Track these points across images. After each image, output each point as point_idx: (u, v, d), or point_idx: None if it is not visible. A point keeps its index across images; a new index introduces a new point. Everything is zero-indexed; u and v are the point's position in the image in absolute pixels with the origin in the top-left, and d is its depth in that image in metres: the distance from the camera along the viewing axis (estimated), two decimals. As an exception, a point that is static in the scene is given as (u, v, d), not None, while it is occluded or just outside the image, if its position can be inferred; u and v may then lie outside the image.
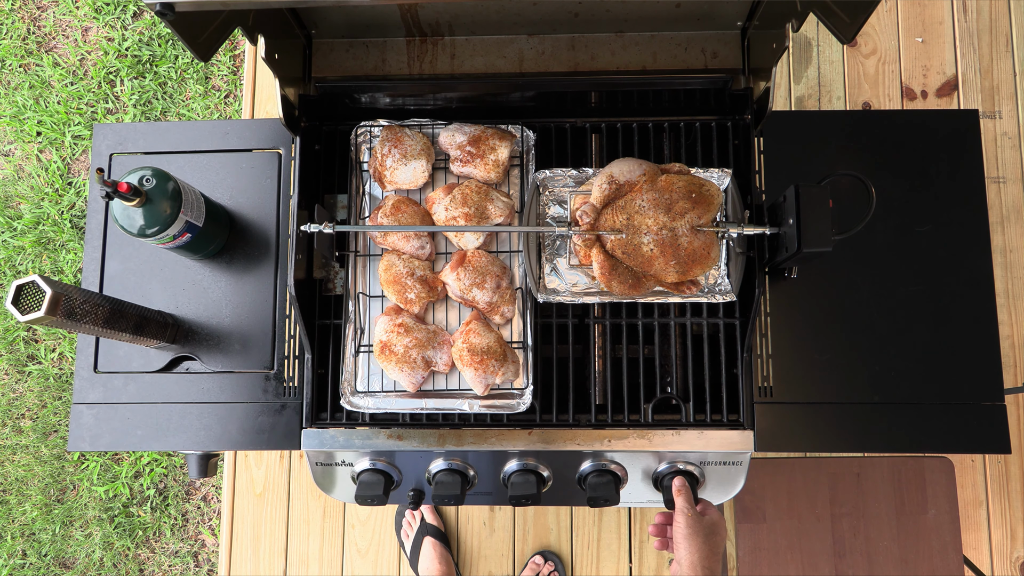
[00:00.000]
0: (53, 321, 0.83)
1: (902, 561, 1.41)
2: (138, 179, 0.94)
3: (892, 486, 1.43)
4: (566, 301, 1.00)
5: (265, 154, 1.14)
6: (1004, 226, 2.07)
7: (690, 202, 0.94)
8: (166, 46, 2.35)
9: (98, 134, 1.16)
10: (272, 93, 2.09)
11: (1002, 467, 1.99)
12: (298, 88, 1.02)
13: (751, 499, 1.43)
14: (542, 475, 1.02)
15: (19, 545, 2.16)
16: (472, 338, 0.97)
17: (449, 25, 1.03)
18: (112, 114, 2.35)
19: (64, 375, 2.24)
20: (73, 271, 2.26)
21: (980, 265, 1.07)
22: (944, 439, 1.03)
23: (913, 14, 2.18)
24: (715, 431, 1.00)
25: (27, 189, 2.31)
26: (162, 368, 1.08)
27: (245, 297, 1.10)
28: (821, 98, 2.16)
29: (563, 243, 1.03)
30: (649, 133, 1.08)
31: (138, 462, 2.17)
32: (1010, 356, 2.00)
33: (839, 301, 1.07)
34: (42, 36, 2.40)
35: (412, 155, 1.03)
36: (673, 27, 1.03)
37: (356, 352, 1.02)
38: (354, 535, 1.96)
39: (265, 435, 1.05)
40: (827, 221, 0.88)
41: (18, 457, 2.21)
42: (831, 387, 1.04)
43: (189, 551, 2.14)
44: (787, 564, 1.41)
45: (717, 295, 1.00)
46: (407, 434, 1.01)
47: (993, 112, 2.13)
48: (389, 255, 1.02)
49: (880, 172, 1.09)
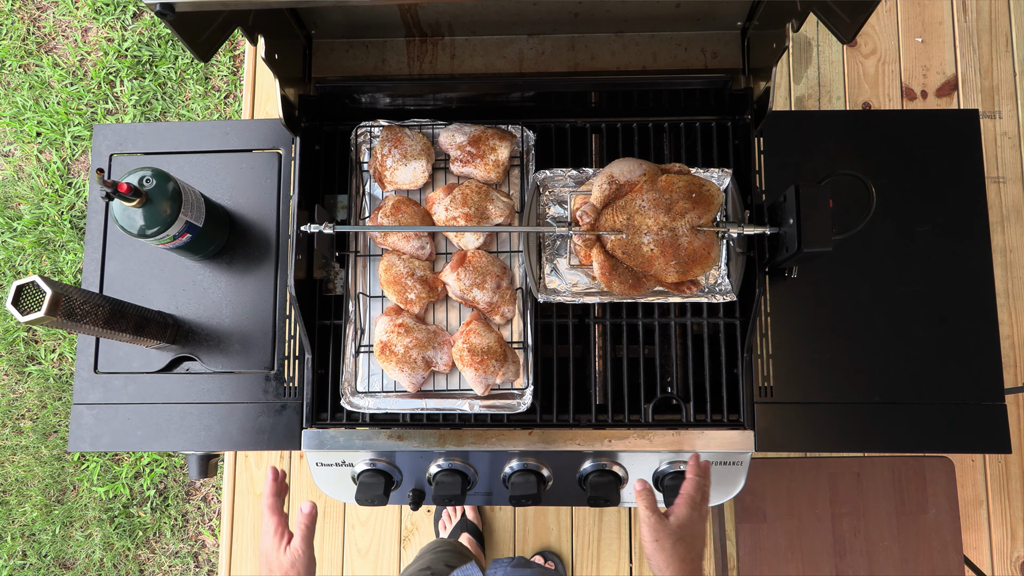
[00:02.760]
0: (53, 322, 0.83)
1: (902, 561, 1.41)
2: (138, 179, 0.94)
3: (892, 486, 1.43)
4: (566, 301, 1.00)
5: (265, 154, 1.14)
6: (1004, 226, 2.07)
7: (690, 202, 0.94)
8: (166, 46, 2.35)
9: (98, 134, 1.16)
10: (272, 93, 2.09)
11: (1002, 467, 1.99)
12: (298, 88, 1.02)
13: (751, 499, 1.43)
14: (542, 475, 1.02)
15: (19, 546, 2.16)
16: (472, 338, 0.97)
17: (449, 25, 1.03)
18: (112, 114, 2.35)
19: (64, 376, 2.24)
20: (73, 271, 2.26)
21: (980, 265, 1.07)
22: (944, 439, 1.03)
23: (913, 14, 2.18)
24: (715, 431, 1.00)
25: (27, 189, 2.31)
26: (162, 368, 1.08)
27: (245, 297, 1.10)
28: (821, 98, 2.16)
29: (563, 243, 1.03)
30: (649, 133, 1.08)
31: (138, 463, 2.17)
32: (1010, 356, 2.00)
33: (839, 301, 1.07)
34: (42, 36, 2.40)
35: (412, 155, 1.03)
36: (673, 27, 1.03)
37: (356, 352, 1.02)
38: (354, 535, 1.96)
39: (265, 435, 1.05)
40: (827, 221, 0.88)
41: (18, 458, 2.21)
42: (831, 387, 1.04)
43: (189, 551, 2.14)
44: (787, 564, 1.41)
45: (717, 295, 1.00)
46: (407, 434, 1.00)
47: (993, 112, 2.13)
48: (389, 255, 1.02)
49: (880, 172, 1.09)
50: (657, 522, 0.85)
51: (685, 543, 0.84)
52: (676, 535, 0.84)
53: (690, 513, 0.86)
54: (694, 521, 0.86)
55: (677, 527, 0.84)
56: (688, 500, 0.87)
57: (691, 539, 0.84)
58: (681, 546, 0.83)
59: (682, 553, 0.83)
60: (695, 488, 0.88)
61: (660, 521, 0.85)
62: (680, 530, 0.84)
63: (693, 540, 0.85)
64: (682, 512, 0.86)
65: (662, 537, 0.84)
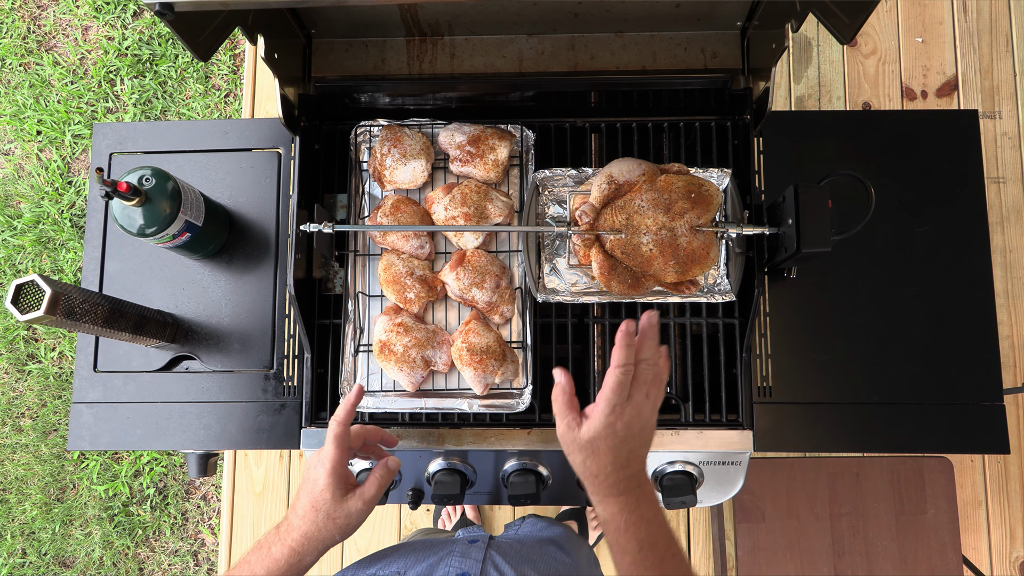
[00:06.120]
0: (53, 320, 0.83)
1: (901, 561, 1.41)
2: (138, 179, 0.94)
3: (891, 486, 1.43)
4: (566, 301, 1.00)
5: (265, 154, 1.14)
6: (1004, 226, 2.07)
7: (689, 202, 0.94)
8: (166, 45, 2.35)
9: (98, 133, 1.16)
10: (272, 93, 2.09)
11: (1001, 467, 1.99)
12: (298, 88, 1.02)
13: (750, 499, 1.43)
14: (541, 474, 1.02)
15: (19, 544, 2.17)
16: (471, 338, 0.97)
17: (449, 25, 1.03)
18: (112, 113, 2.35)
19: (64, 374, 2.24)
20: (73, 270, 2.26)
21: (980, 265, 1.07)
22: (943, 439, 1.03)
23: (913, 14, 2.18)
24: (714, 431, 1.00)
25: (27, 188, 2.31)
26: (162, 367, 1.09)
27: (245, 297, 1.10)
28: (821, 98, 2.16)
29: (562, 243, 1.03)
30: (649, 133, 1.08)
31: (138, 461, 2.18)
32: (1010, 356, 2.00)
33: (839, 301, 1.07)
34: (42, 35, 2.40)
35: (412, 155, 1.03)
36: (673, 27, 1.03)
37: (355, 352, 1.02)
38: (354, 535, 1.96)
39: (265, 434, 1.05)
40: (826, 221, 0.88)
41: (18, 456, 2.21)
42: (831, 387, 1.04)
43: (189, 550, 2.14)
44: (786, 564, 1.41)
45: (716, 295, 1.00)
46: (406, 433, 1.01)
47: (993, 112, 2.13)
48: (388, 255, 1.02)
49: (880, 172, 1.09)
50: (565, 432, 0.70)
51: (598, 459, 0.68)
52: (586, 449, 0.68)
53: (604, 420, 0.68)
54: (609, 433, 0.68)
55: (587, 440, 0.68)
56: (604, 403, 0.68)
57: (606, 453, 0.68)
58: (593, 462, 0.68)
59: (593, 469, 0.68)
60: (614, 387, 0.68)
61: (568, 431, 0.69)
62: (591, 444, 0.68)
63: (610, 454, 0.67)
64: (595, 421, 0.68)
65: (571, 450, 0.70)
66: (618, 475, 0.68)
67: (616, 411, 0.68)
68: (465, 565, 0.67)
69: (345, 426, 0.74)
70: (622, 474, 0.69)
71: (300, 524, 0.71)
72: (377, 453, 0.84)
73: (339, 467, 0.72)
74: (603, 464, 0.68)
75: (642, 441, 0.70)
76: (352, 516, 0.71)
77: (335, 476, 0.72)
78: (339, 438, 0.73)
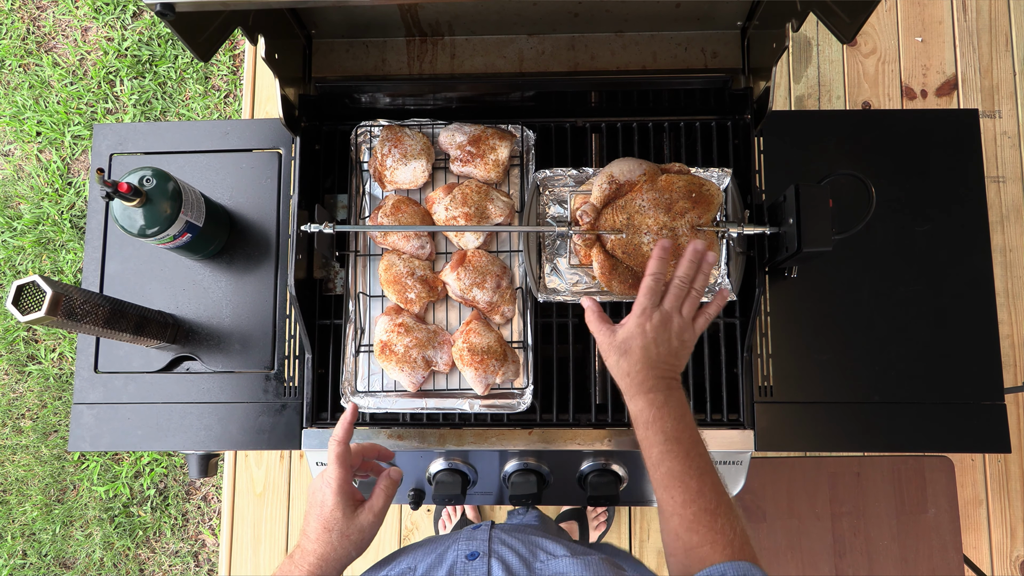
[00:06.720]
0: (53, 321, 0.83)
1: (902, 560, 1.41)
2: (138, 179, 0.94)
3: (892, 485, 1.43)
4: (566, 301, 1.00)
5: (265, 154, 1.14)
6: (1004, 226, 2.07)
7: (690, 202, 0.94)
8: (166, 46, 2.35)
9: (98, 134, 1.16)
10: (272, 93, 2.09)
11: (1002, 466, 1.99)
12: (298, 88, 1.02)
13: (751, 498, 1.43)
14: (542, 474, 1.02)
15: (19, 545, 2.17)
16: (472, 338, 0.97)
17: (449, 25, 1.03)
18: (112, 114, 2.35)
19: (64, 375, 2.24)
20: (73, 271, 2.26)
21: (980, 265, 1.07)
22: (944, 439, 1.03)
23: (913, 14, 2.18)
24: (715, 430, 1.00)
25: (27, 189, 2.31)
26: (162, 368, 1.09)
27: (245, 297, 1.10)
28: (821, 98, 2.16)
29: (563, 243, 1.03)
30: (649, 133, 1.08)
31: (138, 462, 2.17)
32: (1010, 356, 2.00)
33: (839, 301, 1.07)
34: (42, 36, 2.40)
35: (412, 155, 1.03)
36: (673, 27, 1.03)
37: (356, 352, 1.02)
38: (354, 535, 1.96)
39: (265, 435, 1.05)
40: (827, 221, 0.88)
41: (18, 457, 2.21)
42: (831, 387, 1.04)
43: (189, 551, 2.14)
44: (787, 563, 1.41)
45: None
46: (407, 434, 1.01)
47: (993, 112, 2.13)
48: (389, 255, 1.02)
49: (880, 172, 1.09)
50: (603, 339, 0.80)
51: (629, 357, 0.77)
52: (620, 348, 0.78)
53: (635, 321, 0.78)
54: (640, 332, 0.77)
55: (621, 340, 0.78)
56: (636, 306, 0.79)
57: (636, 351, 0.77)
58: (625, 360, 0.77)
59: (625, 367, 0.77)
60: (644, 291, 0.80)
61: (606, 338, 0.80)
62: (624, 344, 0.78)
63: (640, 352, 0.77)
64: (627, 323, 0.79)
65: (608, 353, 0.79)
66: (647, 373, 0.76)
67: (646, 313, 0.78)
68: (472, 546, 0.68)
69: (345, 445, 0.76)
70: (651, 373, 0.76)
71: (315, 547, 0.71)
72: (375, 470, 0.85)
73: (345, 485, 0.73)
74: (633, 362, 0.76)
75: (671, 349, 0.78)
76: (365, 531, 0.73)
77: (342, 494, 0.72)
78: (341, 457, 0.74)
